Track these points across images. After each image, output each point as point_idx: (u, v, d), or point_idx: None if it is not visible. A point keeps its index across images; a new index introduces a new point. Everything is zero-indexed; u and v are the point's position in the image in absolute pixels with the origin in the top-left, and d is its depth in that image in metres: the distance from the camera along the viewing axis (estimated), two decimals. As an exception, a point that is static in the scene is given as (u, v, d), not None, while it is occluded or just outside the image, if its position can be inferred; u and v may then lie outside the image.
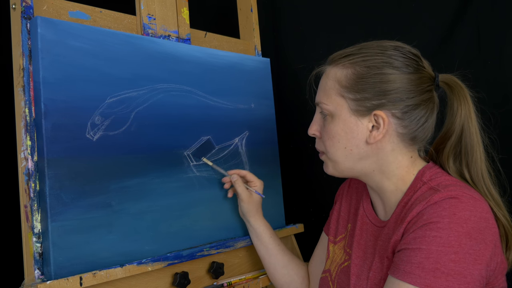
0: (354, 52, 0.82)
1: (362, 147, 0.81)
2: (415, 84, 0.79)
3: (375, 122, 0.79)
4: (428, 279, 0.68)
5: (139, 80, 0.96)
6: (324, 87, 0.85)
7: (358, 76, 0.79)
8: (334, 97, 0.82)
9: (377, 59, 0.79)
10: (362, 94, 0.79)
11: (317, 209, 1.46)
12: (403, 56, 0.80)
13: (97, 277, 0.83)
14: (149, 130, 0.97)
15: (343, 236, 0.95)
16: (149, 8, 1.03)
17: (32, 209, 0.81)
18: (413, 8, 1.29)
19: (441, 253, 0.68)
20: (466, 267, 0.68)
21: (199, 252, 1.01)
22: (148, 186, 0.95)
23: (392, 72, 0.78)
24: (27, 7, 0.84)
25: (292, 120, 1.51)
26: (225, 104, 1.13)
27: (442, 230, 0.69)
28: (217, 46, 1.21)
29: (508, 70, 1.17)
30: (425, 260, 0.69)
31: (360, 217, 0.91)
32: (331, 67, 0.84)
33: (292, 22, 1.50)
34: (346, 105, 0.80)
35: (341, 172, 0.85)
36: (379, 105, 0.78)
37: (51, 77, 0.83)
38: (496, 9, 1.19)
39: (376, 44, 0.82)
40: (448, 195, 0.72)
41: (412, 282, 0.69)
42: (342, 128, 0.81)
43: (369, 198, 0.91)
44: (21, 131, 0.83)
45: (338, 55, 0.84)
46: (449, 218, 0.70)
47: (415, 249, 0.71)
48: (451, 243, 0.68)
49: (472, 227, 0.70)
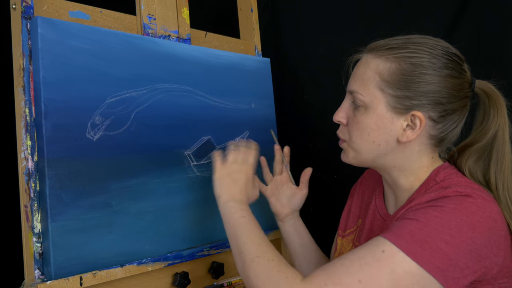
0: (400, 46, 0.78)
1: (391, 144, 0.79)
2: (457, 89, 0.78)
3: (410, 121, 0.78)
4: (413, 247, 0.67)
5: (139, 80, 0.96)
6: (361, 77, 0.80)
7: (402, 73, 0.76)
8: (372, 89, 0.78)
9: (424, 57, 0.76)
10: (404, 92, 0.76)
11: (317, 209, 1.46)
12: (449, 58, 0.77)
13: (97, 277, 0.83)
14: (149, 130, 0.97)
15: (353, 230, 0.95)
16: (149, 8, 1.03)
17: (32, 209, 0.81)
18: (413, 8, 1.29)
19: (437, 230, 0.68)
20: (456, 252, 0.67)
21: (199, 252, 1.01)
22: (148, 186, 0.95)
23: (437, 73, 0.76)
24: (27, 7, 0.84)
25: (292, 120, 1.51)
26: (225, 104, 1.13)
27: (445, 213, 0.69)
28: (217, 46, 1.21)
29: (508, 70, 1.17)
30: (417, 230, 0.68)
31: (371, 211, 0.91)
32: (372, 56, 0.80)
33: (292, 22, 1.50)
34: (384, 100, 0.78)
35: (361, 162, 0.84)
36: (418, 106, 0.76)
37: (51, 77, 0.83)
38: (496, 9, 1.19)
39: (423, 40, 0.79)
40: (459, 192, 0.72)
41: (397, 244, 0.68)
42: (375, 122, 0.79)
43: (382, 193, 0.91)
44: (21, 131, 0.83)
45: (382, 46, 0.80)
46: (455, 205, 0.70)
47: (412, 219, 0.70)
48: (450, 226, 0.68)
49: (478, 221, 0.69)
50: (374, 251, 0.69)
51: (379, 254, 0.68)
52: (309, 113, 1.48)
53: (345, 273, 0.68)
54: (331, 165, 1.44)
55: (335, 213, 1.10)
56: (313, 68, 1.47)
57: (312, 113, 1.47)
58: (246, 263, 0.78)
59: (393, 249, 0.68)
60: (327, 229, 1.16)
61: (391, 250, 0.68)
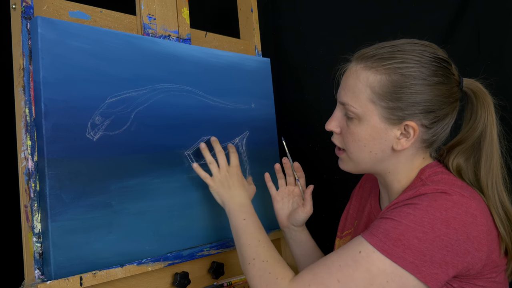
0: (388, 56, 0.78)
1: (386, 152, 0.81)
2: (447, 95, 0.78)
3: (404, 130, 0.79)
4: (386, 245, 0.70)
5: (139, 80, 0.96)
6: (352, 89, 0.80)
7: (393, 85, 0.77)
8: (364, 102, 0.79)
9: (413, 67, 0.77)
10: (396, 103, 0.77)
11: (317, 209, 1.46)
12: (438, 65, 0.78)
13: (97, 277, 0.83)
14: (149, 130, 0.97)
15: (350, 231, 0.97)
16: (149, 8, 1.03)
17: (32, 209, 0.81)
18: (413, 8, 1.29)
19: (410, 228, 0.70)
20: (430, 248, 0.69)
21: (199, 252, 1.01)
22: (148, 186, 0.95)
23: (427, 82, 0.77)
24: (27, 7, 0.84)
25: (292, 120, 1.51)
26: (226, 104, 1.13)
27: (418, 210, 0.72)
28: (217, 46, 1.21)
29: (509, 71, 1.17)
30: (391, 229, 0.71)
31: (367, 213, 0.93)
32: (361, 67, 0.80)
33: (292, 22, 1.50)
34: (376, 112, 0.78)
35: (359, 171, 0.86)
36: (410, 115, 0.77)
37: (51, 77, 0.83)
38: (496, 9, 1.19)
39: (410, 47, 0.79)
40: (436, 189, 0.74)
41: (372, 242, 0.72)
42: (369, 133, 0.80)
43: (377, 195, 0.93)
44: (21, 131, 0.83)
45: (370, 56, 0.80)
46: (428, 203, 0.72)
47: (387, 218, 0.74)
48: (423, 223, 0.70)
49: (453, 217, 0.71)
50: (352, 252, 0.73)
51: (357, 255, 0.73)
52: (309, 113, 1.48)
53: (327, 274, 0.73)
54: (331, 165, 1.44)
55: (335, 213, 1.10)
56: (313, 68, 1.46)
57: (312, 113, 1.47)
58: (244, 265, 0.86)
59: (369, 248, 0.72)
60: (327, 229, 1.16)
61: (366, 250, 0.72)
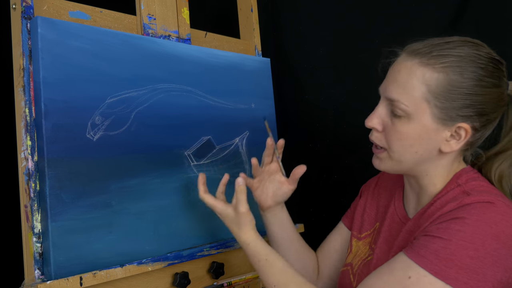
0: (445, 53, 0.75)
1: (432, 153, 0.78)
2: (500, 98, 0.76)
3: (455, 132, 0.76)
4: (438, 266, 0.67)
5: (139, 80, 0.96)
6: (404, 85, 0.76)
7: (451, 84, 0.73)
8: (417, 100, 0.75)
9: (472, 67, 0.74)
10: (451, 103, 0.74)
11: (317, 209, 1.46)
12: (495, 67, 0.75)
13: (97, 277, 0.83)
14: (149, 130, 0.97)
15: (369, 233, 0.93)
16: (149, 8, 1.03)
17: (32, 209, 0.81)
18: (413, 7, 1.29)
19: (460, 246, 0.67)
20: (482, 266, 0.66)
21: (199, 252, 1.01)
22: (148, 186, 0.95)
23: (485, 84, 0.74)
24: (27, 7, 0.84)
25: (292, 120, 1.51)
26: (226, 104, 1.13)
27: (467, 226, 0.68)
28: (217, 46, 1.21)
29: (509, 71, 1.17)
30: (441, 249, 0.68)
31: (390, 214, 0.89)
32: (416, 63, 0.76)
33: (292, 22, 1.50)
34: (429, 111, 0.75)
35: (397, 171, 0.82)
36: (464, 117, 0.74)
37: (51, 77, 0.83)
38: (496, 9, 1.19)
39: (466, 46, 0.76)
40: (481, 199, 0.71)
41: (422, 265, 0.68)
42: (418, 133, 0.76)
43: (401, 196, 0.89)
44: (21, 131, 0.83)
45: (425, 51, 0.76)
46: (478, 217, 0.69)
47: (435, 237, 0.70)
48: (474, 240, 0.67)
49: (502, 231, 0.68)
50: (401, 278, 0.70)
51: (406, 281, 0.69)
52: (309, 113, 1.48)
53: None
54: (331, 165, 1.45)
55: (336, 213, 1.10)
56: (313, 68, 1.47)
57: (312, 113, 1.47)
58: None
59: (420, 272, 0.68)
60: (327, 229, 1.16)
61: (417, 274, 0.68)
